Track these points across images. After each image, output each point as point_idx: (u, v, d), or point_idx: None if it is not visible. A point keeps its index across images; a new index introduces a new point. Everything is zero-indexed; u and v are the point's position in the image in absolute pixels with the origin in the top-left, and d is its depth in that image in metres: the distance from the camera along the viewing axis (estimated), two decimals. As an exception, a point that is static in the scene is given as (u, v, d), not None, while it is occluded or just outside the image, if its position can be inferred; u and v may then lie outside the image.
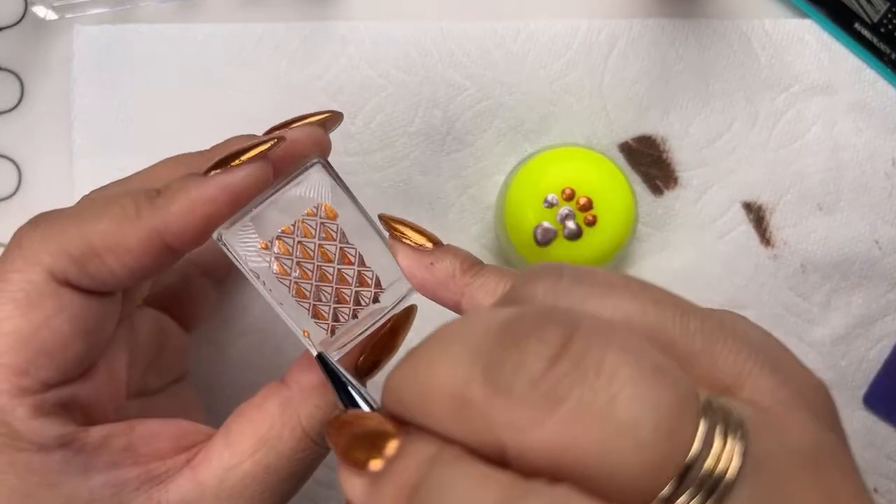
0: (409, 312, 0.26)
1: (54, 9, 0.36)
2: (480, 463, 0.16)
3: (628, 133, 0.37)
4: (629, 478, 0.15)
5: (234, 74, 0.37)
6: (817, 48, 0.37)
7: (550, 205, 0.34)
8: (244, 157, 0.23)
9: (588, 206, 0.34)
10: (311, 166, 0.24)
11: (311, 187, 0.24)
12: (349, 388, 0.22)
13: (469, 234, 0.37)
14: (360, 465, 0.18)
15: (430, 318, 0.24)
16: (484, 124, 0.37)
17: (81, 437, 0.23)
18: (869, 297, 0.37)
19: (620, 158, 0.37)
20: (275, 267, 0.23)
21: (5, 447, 0.23)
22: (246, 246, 0.23)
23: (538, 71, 0.37)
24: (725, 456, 0.15)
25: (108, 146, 0.37)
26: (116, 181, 0.26)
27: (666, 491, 0.15)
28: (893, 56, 0.37)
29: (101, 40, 0.37)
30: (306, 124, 0.26)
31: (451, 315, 0.25)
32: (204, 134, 0.37)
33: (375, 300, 0.24)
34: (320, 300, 0.24)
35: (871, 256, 0.37)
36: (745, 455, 0.15)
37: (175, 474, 0.24)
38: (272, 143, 0.24)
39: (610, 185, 0.34)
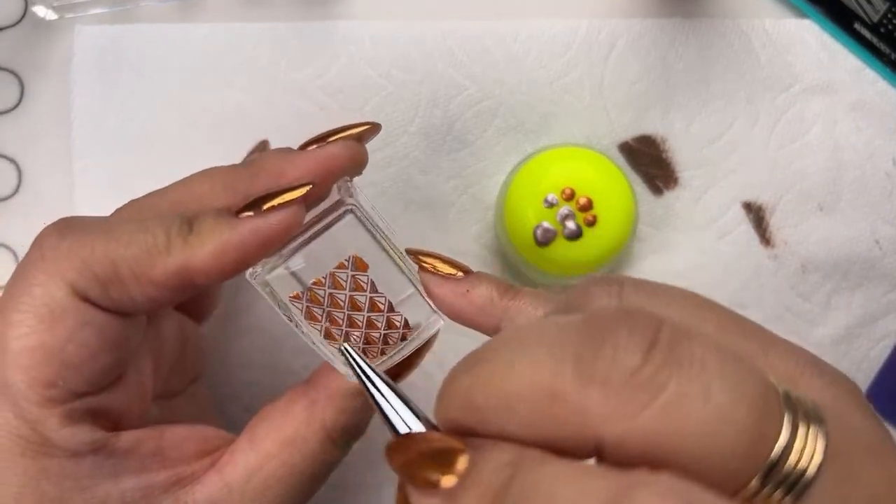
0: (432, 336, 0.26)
1: (54, 9, 0.36)
2: (571, 462, 0.16)
3: (628, 133, 0.37)
4: (728, 460, 0.16)
5: (234, 74, 0.37)
6: (817, 48, 0.37)
7: (550, 205, 0.34)
8: (277, 201, 0.23)
9: (588, 206, 0.34)
10: (345, 214, 0.23)
11: (343, 237, 0.23)
12: (381, 389, 0.21)
13: (469, 234, 0.37)
14: (432, 486, 0.17)
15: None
16: (484, 124, 0.37)
17: (112, 443, 0.24)
18: (869, 296, 0.37)
19: (620, 158, 0.37)
20: (306, 314, 0.24)
21: (38, 454, 0.23)
22: (279, 291, 0.24)
23: (538, 71, 0.37)
24: (811, 439, 0.16)
25: (108, 146, 0.37)
26: (152, 193, 0.26)
27: (761, 474, 0.16)
28: (893, 56, 0.37)
29: (102, 40, 0.37)
30: (343, 138, 0.25)
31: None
32: (204, 134, 0.37)
33: (403, 339, 0.25)
34: (349, 341, 0.24)
35: (872, 256, 0.37)
36: (827, 440, 0.16)
37: (201, 476, 0.24)
38: (306, 188, 0.23)
39: (610, 185, 0.34)
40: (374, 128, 0.26)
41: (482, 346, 0.18)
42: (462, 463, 0.17)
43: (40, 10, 0.36)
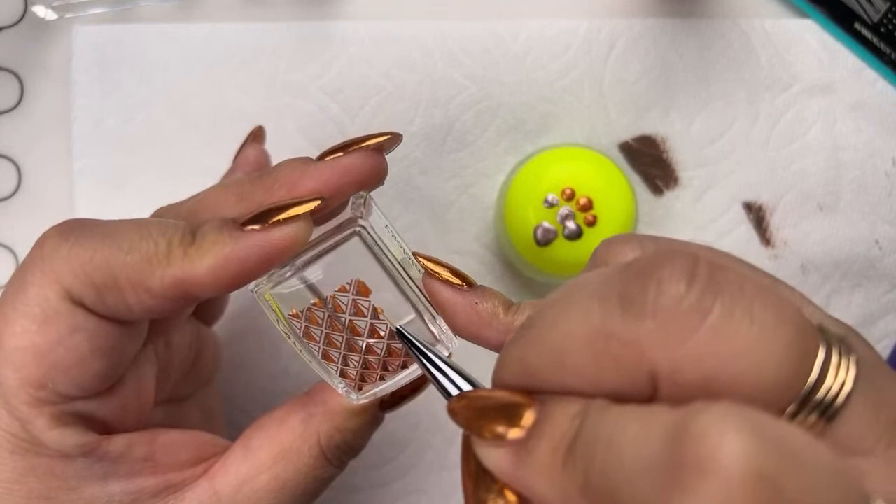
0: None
1: (54, 9, 0.36)
2: (633, 404, 0.17)
3: (628, 133, 0.37)
4: (775, 376, 0.16)
5: (234, 74, 0.37)
6: (817, 48, 0.37)
7: (550, 205, 0.34)
8: (283, 216, 0.22)
9: (588, 206, 0.33)
10: (351, 236, 0.23)
11: (349, 258, 0.23)
12: (440, 363, 0.22)
13: (469, 234, 0.37)
14: (499, 438, 0.18)
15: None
16: (484, 124, 0.37)
17: (103, 446, 0.23)
18: (869, 296, 0.37)
19: (620, 158, 0.37)
20: (304, 334, 0.23)
21: (27, 452, 0.23)
22: (279, 307, 0.23)
23: (538, 71, 0.37)
24: (843, 356, 0.17)
25: (108, 146, 0.37)
26: (169, 205, 0.26)
27: (808, 385, 0.16)
28: (893, 56, 0.37)
29: (101, 40, 0.37)
30: (363, 148, 0.25)
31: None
32: (204, 134, 0.37)
33: (404, 366, 0.24)
34: (347, 365, 0.24)
35: (871, 256, 0.37)
36: (858, 360, 0.17)
37: (192, 483, 0.24)
38: (315, 203, 0.23)
39: (610, 185, 0.34)
40: (395, 138, 0.25)
41: (528, 317, 0.19)
42: (528, 417, 0.18)
43: (40, 11, 0.36)
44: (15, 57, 0.37)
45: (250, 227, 0.22)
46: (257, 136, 0.33)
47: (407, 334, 0.23)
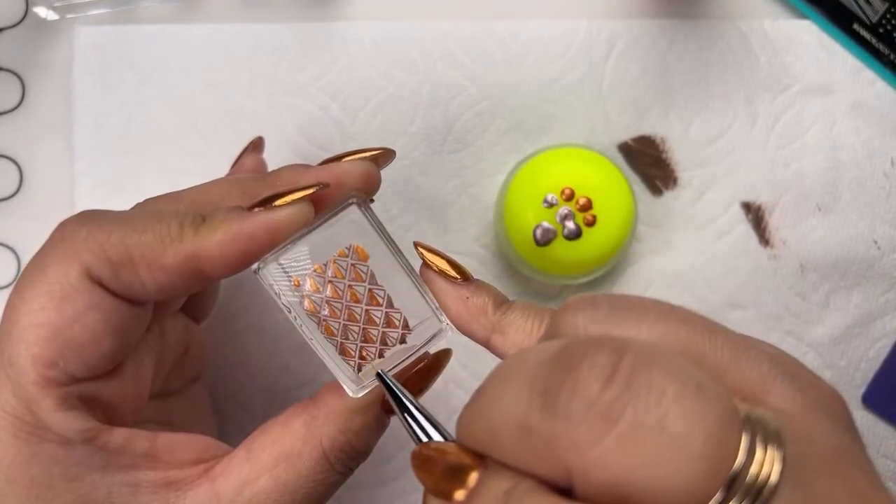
0: (443, 357, 0.26)
1: (55, 9, 0.36)
2: (553, 496, 0.17)
3: (628, 133, 0.37)
4: (683, 489, 0.16)
5: (234, 74, 0.37)
6: (816, 49, 0.37)
7: (550, 205, 0.34)
8: (287, 199, 0.24)
9: (588, 206, 0.34)
10: (348, 206, 0.24)
11: (345, 227, 0.24)
12: (412, 409, 0.23)
13: (469, 234, 0.37)
14: (446, 496, 0.19)
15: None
16: (484, 124, 0.37)
17: (105, 436, 0.24)
18: (868, 296, 0.37)
19: (620, 158, 0.37)
20: (305, 304, 0.24)
21: (30, 437, 0.23)
22: (280, 282, 0.24)
23: (538, 71, 0.37)
24: (767, 463, 0.16)
25: (109, 146, 0.37)
26: (170, 193, 0.27)
27: (716, 499, 0.16)
28: (892, 56, 0.37)
29: (102, 41, 0.37)
30: (358, 159, 0.26)
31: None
32: (204, 134, 0.37)
33: (402, 341, 0.25)
34: (347, 338, 0.24)
35: (870, 256, 0.37)
36: (784, 461, 0.17)
37: (192, 483, 0.24)
38: (316, 187, 0.24)
39: (609, 186, 0.34)
40: (388, 153, 0.27)
41: (483, 381, 0.20)
42: (472, 479, 0.19)
43: (41, 11, 0.36)
44: (16, 57, 0.38)
45: (256, 209, 0.24)
46: (256, 145, 0.34)
47: (387, 379, 0.24)
